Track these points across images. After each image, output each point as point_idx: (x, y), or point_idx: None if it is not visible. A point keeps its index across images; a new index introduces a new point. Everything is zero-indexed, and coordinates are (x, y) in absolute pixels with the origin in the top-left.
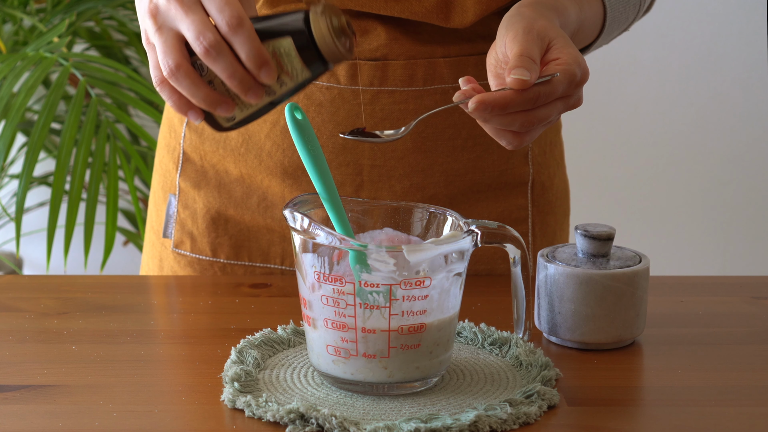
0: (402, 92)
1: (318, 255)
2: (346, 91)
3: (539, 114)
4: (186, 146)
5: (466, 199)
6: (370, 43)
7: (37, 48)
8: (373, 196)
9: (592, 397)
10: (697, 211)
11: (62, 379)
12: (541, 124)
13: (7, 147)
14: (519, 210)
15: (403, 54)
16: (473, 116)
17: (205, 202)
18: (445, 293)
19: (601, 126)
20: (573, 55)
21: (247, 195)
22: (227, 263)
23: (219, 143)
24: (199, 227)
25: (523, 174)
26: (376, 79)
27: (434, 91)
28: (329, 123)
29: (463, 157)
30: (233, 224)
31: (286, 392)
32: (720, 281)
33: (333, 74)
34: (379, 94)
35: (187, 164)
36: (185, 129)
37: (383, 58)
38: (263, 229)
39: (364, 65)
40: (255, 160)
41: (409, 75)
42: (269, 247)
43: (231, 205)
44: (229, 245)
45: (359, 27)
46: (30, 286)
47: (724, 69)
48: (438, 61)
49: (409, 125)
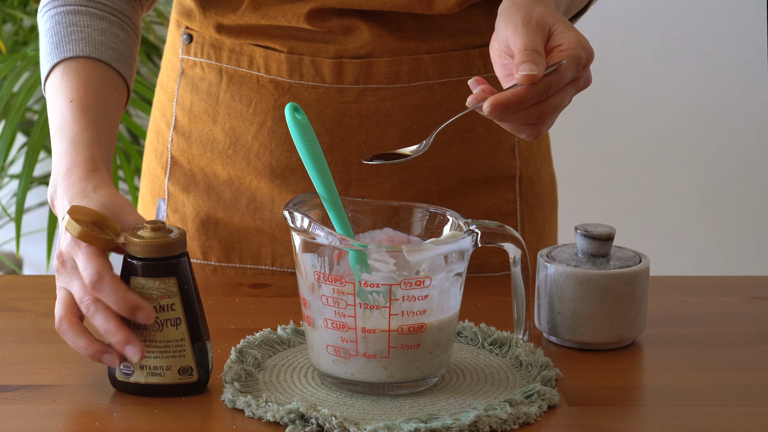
0: (387, 89)
1: (318, 255)
2: (331, 89)
3: (553, 102)
4: (174, 150)
5: (454, 194)
6: (354, 42)
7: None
8: (362, 194)
9: (592, 397)
10: (697, 211)
11: (62, 379)
12: (556, 111)
13: (7, 147)
14: (507, 204)
15: (388, 51)
16: (490, 118)
17: (195, 205)
18: (445, 293)
19: (601, 126)
20: (575, 39)
21: (235, 197)
22: (218, 266)
23: (206, 146)
24: (189, 230)
25: (510, 168)
26: (361, 76)
27: (419, 87)
28: (316, 122)
29: (450, 153)
30: (223, 227)
31: (286, 392)
32: (720, 281)
33: (318, 73)
34: (365, 92)
35: (175, 168)
36: (172, 133)
37: (367, 55)
38: (253, 231)
39: (349, 63)
40: (243, 162)
41: (394, 72)
42: (259, 248)
43: (220, 207)
44: (219, 248)
45: (342, 26)
46: (30, 286)
47: (724, 69)
48: (422, 57)
49: (430, 137)
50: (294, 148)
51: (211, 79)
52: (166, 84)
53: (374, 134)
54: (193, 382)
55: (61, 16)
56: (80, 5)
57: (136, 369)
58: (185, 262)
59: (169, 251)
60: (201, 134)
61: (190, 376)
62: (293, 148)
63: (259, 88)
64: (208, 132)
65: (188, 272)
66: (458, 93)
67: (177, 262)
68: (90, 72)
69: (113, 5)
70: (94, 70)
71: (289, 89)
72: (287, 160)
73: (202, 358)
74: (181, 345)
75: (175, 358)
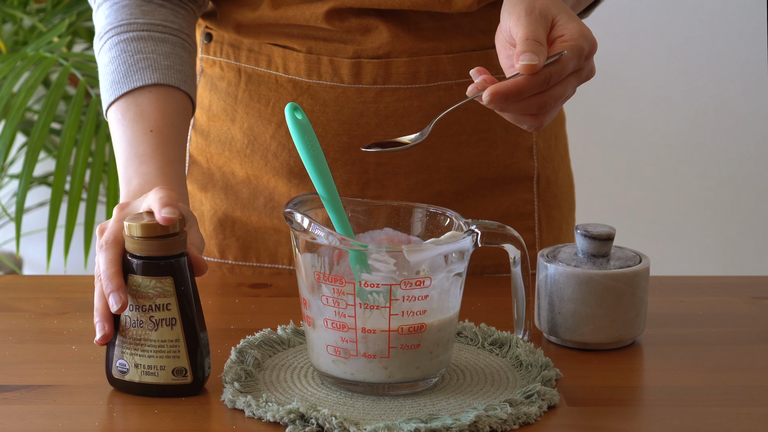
0: (406, 89)
1: (318, 255)
2: (350, 89)
3: (554, 93)
4: (192, 149)
5: (472, 194)
6: (373, 42)
7: (37, 48)
8: (379, 193)
9: (592, 397)
10: (697, 211)
11: (62, 379)
12: (557, 102)
13: (7, 147)
14: (525, 204)
15: (406, 51)
16: (490, 107)
17: (212, 204)
18: (445, 293)
19: (601, 126)
20: (578, 30)
21: (253, 196)
22: (235, 264)
23: (225, 145)
24: (207, 229)
25: (528, 168)
26: (379, 76)
27: (438, 88)
28: (334, 122)
29: (468, 153)
30: (240, 226)
31: (286, 392)
32: (720, 281)
33: (336, 73)
34: (383, 92)
35: (193, 167)
36: (191, 132)
37: (386, 55)
38: (270, 230)
39: (367, 63)
40: (261, 161)
41: (413, 72)
42: (276, 247)
43: (238, 206)
44: (236, 247)
45: (361, 25)
46: (30, 286)
47: (724, 69)
48: (441, 57)
49: (428, 126)
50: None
51: (230, 79)
52: None
53: (392, 134)
54: (188, 383)
55: (126, 44)
56: (142, 30)
57: (131, 367)
58: (184, 263)
59: (167, 251)
60: (219, 133)
61: (184, 377)
62: None
63: (278, 88)
64: (226, 131)
65: (186, 273)
66: None
67: (175, 262)
68: (164, 100)
69: (173, 26)
70: (167, 98)
71: (307, 89)
72: None
73: (197, 360)
74: (176, 345)
75: (169, 358)
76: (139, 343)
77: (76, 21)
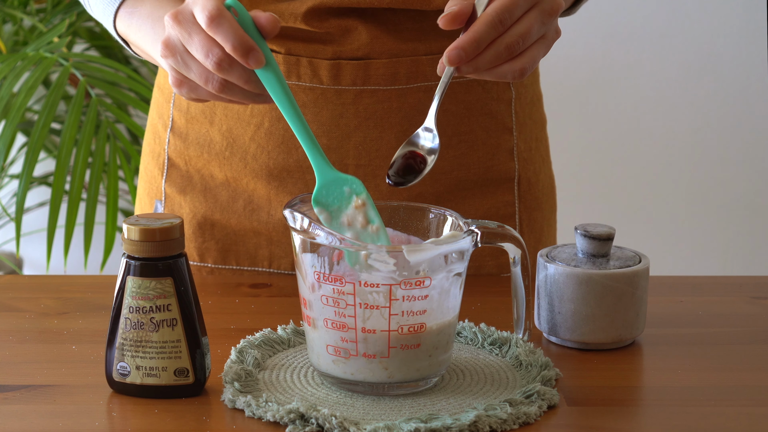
0: (385, 91)
1: (318, 255)
2: (329, 91)
3: (517, 31)
4: (171, 152)
5: (452, 196)
6: (352, 43)
7: (37, 48)
8: None
9: (592, 397)
10: (697, 211)
11: (62, 379)
12: (527, 40)
13: (7, 147)
14: (506, 206)
15: (386, 52)
16: (462, 73)
17: (191, 207)
18: (445, 293)
19: (601, 126)
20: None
21: (232, 199)
22: (215, 268)
23: (203, 148)
24: (186, 233)
25: (508, 170)
26: (358, 78)
27: (417, 89)
28: (313, 123)
29: (448, 155)
30: (220, 228)
31: (286, 392)
32: (720, 281)
33: (316, 74)
34: (362, 93)
35: (172, 170)
36: (169, 134)
37: (365, 57)
38: (250, 233)
39: (347, 65)
40: (240, 164)
41: (392, 73)
42: (256, 250)
43: (217, 209)
44: (216, 250)
45: (340, 26)
46: (30, 286)
47: (724, 69)
48: (421, 58)
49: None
50: (291, 150)
51: None
52: (164, 85)
53: (372, 136)
54: (189, 384)
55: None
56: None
57: (133, 369)
58: (183, 263)
59: (166, 251)
60: (198, 136)
61: (186, 377)
62: (290, 150)
63: None
64: (205, 133)
65: (186, 273)
66: (457, 95)
67: (174, 262)
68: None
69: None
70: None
71: None
72: (284, 161)
73: (199, 360)
74: (177, 346)
75: (171, 359)
76: (140, 345)
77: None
